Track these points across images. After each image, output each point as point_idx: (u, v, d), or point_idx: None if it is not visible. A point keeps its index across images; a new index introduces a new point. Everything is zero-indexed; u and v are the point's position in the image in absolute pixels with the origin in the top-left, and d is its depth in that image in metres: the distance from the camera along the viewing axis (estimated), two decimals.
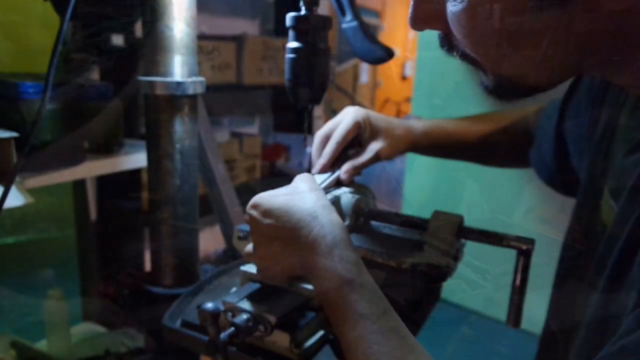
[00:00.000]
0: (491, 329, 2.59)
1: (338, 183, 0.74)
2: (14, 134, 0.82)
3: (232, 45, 1.87)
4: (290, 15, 0.67)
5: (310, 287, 0.62)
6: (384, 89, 6.32)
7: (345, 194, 0.67)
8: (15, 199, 0.75)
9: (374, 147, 0.74)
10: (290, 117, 2.37)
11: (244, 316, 0.56)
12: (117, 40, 1.22)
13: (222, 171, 1.21)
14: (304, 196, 0.54)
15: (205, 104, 1.32)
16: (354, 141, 0.76)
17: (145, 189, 1.27)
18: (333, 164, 0.74)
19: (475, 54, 0.43)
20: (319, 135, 0.76)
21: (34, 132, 0.73)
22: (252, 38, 1.95)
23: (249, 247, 0.59)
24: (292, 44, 0.67)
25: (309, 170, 0.74)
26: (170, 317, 0.67)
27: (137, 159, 1.09)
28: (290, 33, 0.68)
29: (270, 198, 0.55)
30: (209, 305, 0.56)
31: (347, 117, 0.74)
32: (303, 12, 0.66)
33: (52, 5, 0.86)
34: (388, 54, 0.68)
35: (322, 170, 0.73)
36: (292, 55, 0.67)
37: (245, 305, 0.58)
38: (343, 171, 0.73)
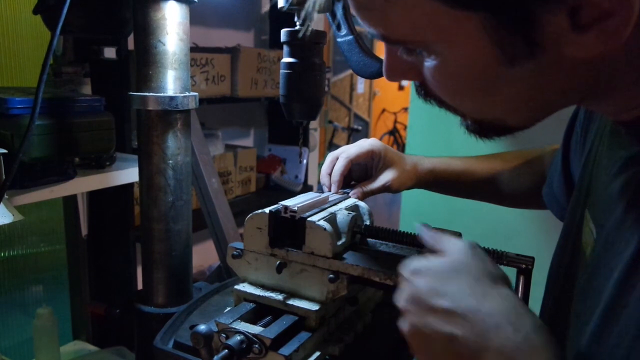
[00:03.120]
0: None
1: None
2: (3, 150, 0.80)
3: (227, 57, 1.87)
4: (284, 31, 0.66)
5: (305, 306, 0.60)
6: (381, 99, 6.34)
7: (341, 211, 0.66)
8: (2, 216, 0.73)
9: (384, 178, 0.77)
10: (285, 129, 2.36)
11: (238, 337, 0.54)
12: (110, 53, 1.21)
13: (216, 185, 1.20)
14: (498, 291, 0.42)
15: (200, 117, 1.31)
16: (364, 172, 0.80)
17: (138, 203, 1.25)
18: (343, 183, 0.76)
19: (451, 103, 0.44)
20: (331, 154, 0.79)
21: (22, 149, 0.71)
22: (247, 50, 1.94)
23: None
24: (287, 59, 0.67)
25: (305, 184, 0.73)
26: (162, 338, 0.65)
27: (129, 174, 1.07)
28: (285, 48, 0.67)
29: (460, 295, 0.42)
30: (202, 327, 0.54)
31: (364, 142, 0.77)
32: (298, 27, 0.66)
33: (42, 19, 0.85)
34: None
35: (337, 188, 0.75)
36: (286, 71, 0.66)
37: (239, 325, 0.56)
38: (351, 194, 0.75)
